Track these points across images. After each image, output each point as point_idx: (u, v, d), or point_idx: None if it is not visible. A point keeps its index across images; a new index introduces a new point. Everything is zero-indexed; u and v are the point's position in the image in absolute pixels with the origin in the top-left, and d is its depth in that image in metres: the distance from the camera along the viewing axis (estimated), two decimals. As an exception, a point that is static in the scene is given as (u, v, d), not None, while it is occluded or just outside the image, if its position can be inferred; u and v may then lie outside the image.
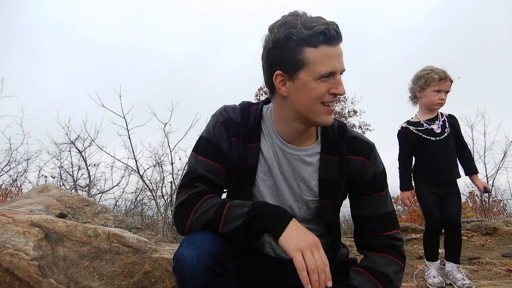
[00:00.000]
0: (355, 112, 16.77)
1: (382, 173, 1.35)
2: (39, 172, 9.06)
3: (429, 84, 2.66)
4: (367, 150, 1.33)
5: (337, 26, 1.14)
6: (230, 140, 1.31)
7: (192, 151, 1.33)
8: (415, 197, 3.08)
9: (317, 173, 1.32)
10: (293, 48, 1.15)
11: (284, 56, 1.17)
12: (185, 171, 1.33)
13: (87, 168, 9.07)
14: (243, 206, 1.16)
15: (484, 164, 10.20)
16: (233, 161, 1.30)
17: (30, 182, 9.13)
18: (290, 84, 1.20)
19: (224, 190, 1.40)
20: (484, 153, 10.15)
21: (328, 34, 1.12)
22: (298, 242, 1.07)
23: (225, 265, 1.11)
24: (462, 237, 4.70)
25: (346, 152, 1.30)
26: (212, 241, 1.11)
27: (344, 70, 1.19)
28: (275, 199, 1.34)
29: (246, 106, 1.37)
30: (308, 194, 1.33)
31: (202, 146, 1.31)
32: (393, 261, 1.28)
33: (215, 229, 1.15)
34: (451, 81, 2.69)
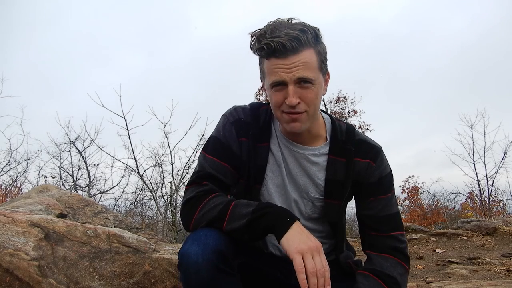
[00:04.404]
0: (355, 112, 16.78)
1: (389, 176, 1.36)
2: (39, 172, 9.07)
3: None
4: (374, 153, 1.35)
5: (290, 38, 1.12)
6: (240, 140, 1.33)
7: (202, 150, 1.35)
8: (415, 197, 3.07)
9: (324, 173, 1.34)
10: (259, 58, 1.25)
11: (259, 64, 1.27)
12: (194, 169, 1.36)
13: (87, 168, 9.08)
14: (248, 206, 1.17)
15: (484, 164, 10.22)
16: (243, 161, 1.33)
17: (30, 182, 9.15)
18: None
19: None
20: (484, 153, 10.17)
21: (269, 49, 1.14)
22: (300, 244, 1.08)
23: (230, 262, 1.12)
24: (462, 237, 4.71)
25: (353, 155, 1.32)
26: (216, 238, 1.12)
27: (301, 79, 1.17)
28: (282, 198, 1.36)
29: (255, 106, 1.40)
30: (314, 191, 1.35)
31: (212, 146, 1.33)
32: (398, 263, 1.29)
33: (219, 227, 1.16)
34: None
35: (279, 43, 1.12)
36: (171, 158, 7.87)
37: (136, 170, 7.81)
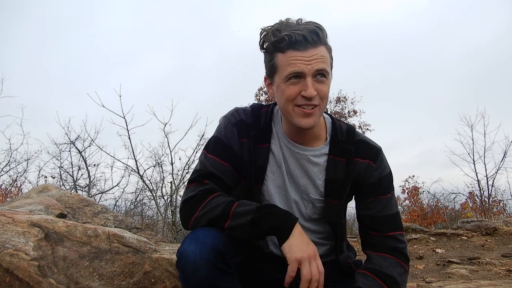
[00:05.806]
0: (355, 112, 16.77)
1: (388, 176, 1.37)
2: (39, 172, 9.06)
3: None
4: (374, 153, 1.36)
5: (310, 31, 1.17)
6: (241, 141, 1.34)
7: (203, 149, 1.36)
8: (415, 197, 3.07)
9: (324, 173, 1.35)
10: (269, 54, 1.25)
11: (265, 61, 1.28)
12: (195, 167, 1.37)
13: (87, 168, 9.07)
14: (251, 205, 1.19)
15: (484, 164, 10.21)
16: (244, 161, 1.33)
17: (30, 182, 9.14)
18: (273, 87, 1.29)
19: None
20: (484, 153, 10.15)
21: (290, 40, 1.17)
22: (299, 253, 1.13)
23: (228, 261, 1.13)
24: (462, 237, 4.72)
25: (353, 155, 1.33)
26: (214, 237, 1.13)
27: (319, 72, 1.19)
28: (283, 198, 1.36)
29: (256, 108, 1.41)
30: (314, 192, 1.35)
31: (213, 145, 1.34)
32: (397, 263, 1.29)
33: (221, 226, 1.17)
34: None
35: (301, 35, 1.16)
36: (171, 158, 7.87)
37: (136, 170, 7.81)
